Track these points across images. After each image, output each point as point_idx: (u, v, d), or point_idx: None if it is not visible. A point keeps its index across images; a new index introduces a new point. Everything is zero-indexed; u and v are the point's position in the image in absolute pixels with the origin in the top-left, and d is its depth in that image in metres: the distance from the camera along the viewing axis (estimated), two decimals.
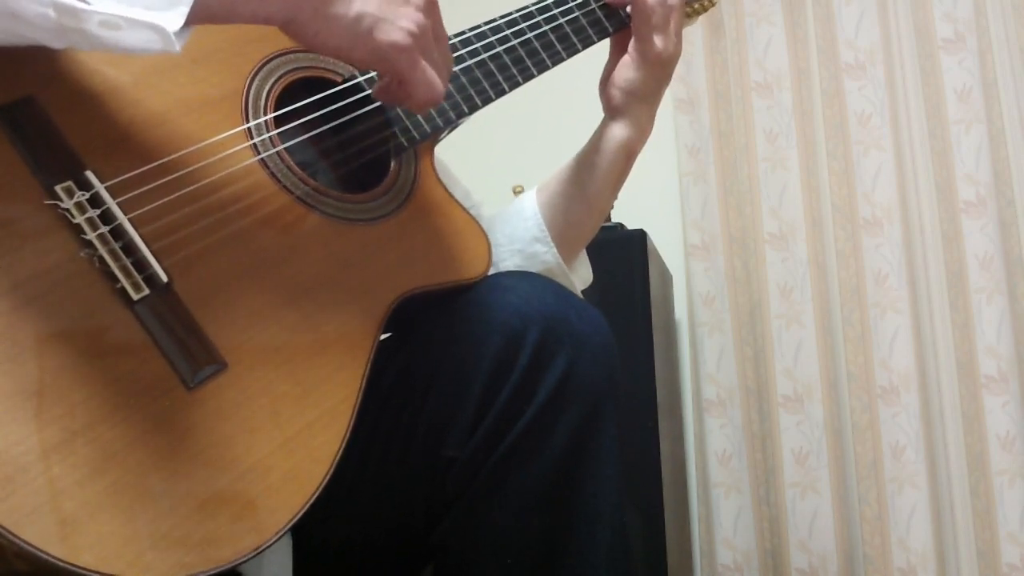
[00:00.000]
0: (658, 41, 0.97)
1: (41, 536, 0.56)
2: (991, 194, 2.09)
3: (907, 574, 2.02)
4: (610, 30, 1.01)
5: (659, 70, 0.99)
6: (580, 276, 1.07)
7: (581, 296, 1.03)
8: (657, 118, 1.03)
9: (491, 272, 1.01)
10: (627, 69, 0.99)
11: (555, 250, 1.00)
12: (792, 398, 2.18)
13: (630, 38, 1.00)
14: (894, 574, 2.04)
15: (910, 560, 2.03)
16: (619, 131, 1.00)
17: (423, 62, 0.73)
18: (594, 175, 1.01)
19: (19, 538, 0.55)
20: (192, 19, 0.62)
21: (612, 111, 1.00)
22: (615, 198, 1.06)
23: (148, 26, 0.60)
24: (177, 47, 0.61)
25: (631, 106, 0.99)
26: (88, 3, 0.59)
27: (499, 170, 2.23)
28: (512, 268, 1.00)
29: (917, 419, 2.07)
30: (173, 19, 0.61)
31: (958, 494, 2.07)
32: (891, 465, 2.08)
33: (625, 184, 1.06)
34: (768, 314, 2.22)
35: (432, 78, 0.74)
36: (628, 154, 1.01)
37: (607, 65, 1.03)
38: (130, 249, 0.65)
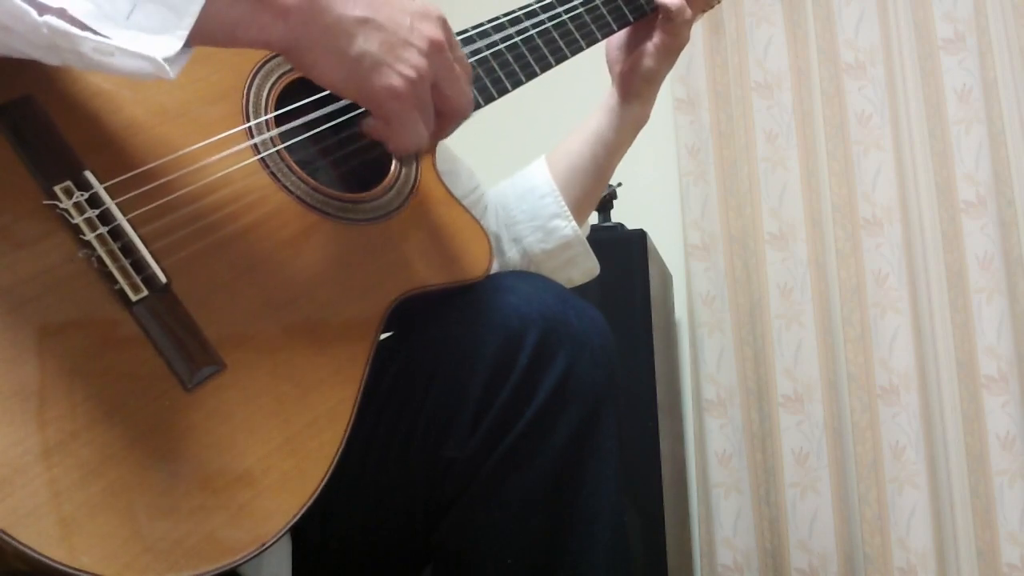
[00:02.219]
0: (684, 35, 1.05)
1: (39, 538, 0.56)
2: (991, 194, 2.09)
3: (907, 574, 2.02)
4: (614, 28, 1.02)
5: (675, 57, 1.07)
6: (586, 269, 1.12)
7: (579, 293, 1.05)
8: (657, 118, 1.10)
9: (510, 248, 1.04)
10: (650, 60, 1.05)
11: (574, 223, 1.06)
12: (792, 398, 2.18)
13: (644, 25, 1.05)
14: (894, 574, 2.04)
15: (910, 560, 2.02)
16: (635, 110, 1.07)
17: (414, 112, 0.72)
18: (612, 152, 1.09)
19: (16, 540, 0.55)
20: (191, 42, 0.61)
21: (630, 96, 1.07)
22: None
23: (141, 57, 0.59)
24: (171, 74, 0.60)
25: (648, 89, 1.07)
26: (85, 25, 0.58)
27: (499, 169, 2.23)
28: (533, 243, 1.06)
29: (917, 419, 2.07)
30: (169, 43, 0.60)
31: (958, 494, 2.07)
32: (891, 465, 2.08)
33: (625, 184, 1.11)
34: (768, 314, 2.22)
35: (418, 130, 0.73)
36: (638, 127, 1.09)
37: (619, 51, 1.07)
38: (129, 250, 0.65)
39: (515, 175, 1.12)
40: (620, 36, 1.08)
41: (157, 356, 0.64)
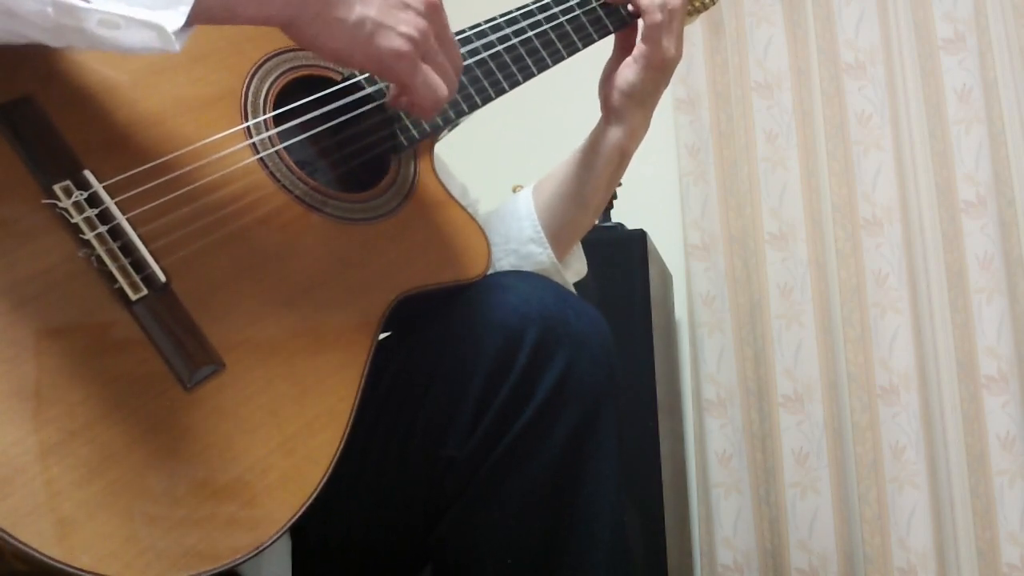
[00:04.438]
0: (663, 44, 0.97)
1: (39, 537, 0.56)
2: (991, 194, 2.09)
3: (907, 574, 2.02)
4: (611, 28, 1.01)
5: (659, 74, 0.99)
6: (574, 270, 1.08)
7: (574, 290, 1.03)
8: (657, 118, 1.04)
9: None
10: (628, 71, 0.98)
11: (550, 251, 1.00)
12: (792, 398, 2.18)
13: (634, 36, 0.99)
14: (894, 574, 2.04)
15: (910, 560, 2.02)
16: (614, 132, 1.00)
17: (424, 67, 0.73)
18: (589, 175, 1.01)
19: (17, 539, 0.55)
20: (192, 19, 0.62)
21: (609, 112, 1.01)
22: (609, 196, 1.07)
23: (148, 25, 0.59)
24: (177, 47, 0.61)
25: (628, 108, 1.00)
26: (87, 2, 0.59)
27: (499, 170, 2.23)
28: (507, 268, 1.01)
29: (917, 419, 2.07)
30: (173, 18, 0.60)
31: (958, 494, 2.07)
32: (891, 465, 2.08)
33: (625, 184, 1.07)
34: (768, 314, 2.22)
35: (434, 82, 0.73)
36: (622, 154, 1.01)
37: (609, 64, 1.02)
38: (128, 249, 0.65)
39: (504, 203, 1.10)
40: (610, 52, 1.03)
41: (156, 355, 0.64)
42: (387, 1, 0.70)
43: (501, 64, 0.92)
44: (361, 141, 0.85)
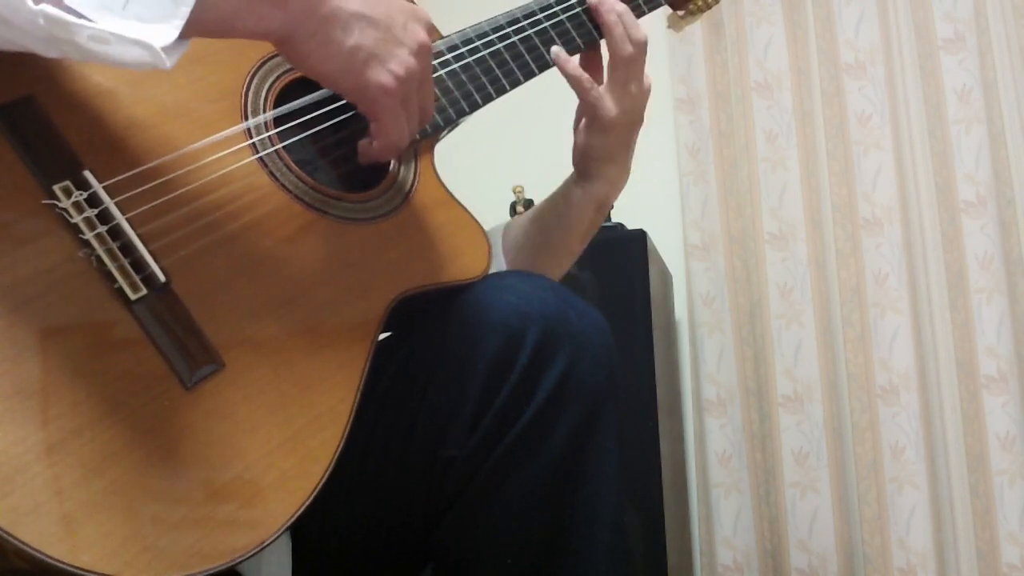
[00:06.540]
0: (600, 105, 0.92)
1: (39, 536, 0.56)
2: (991, 194, 2.09)
3: (907, 574, 2.02)
4: (596, 36, 1.01)
5: (611, 134, 0.93)
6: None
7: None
8: (657, 118, 1.03)
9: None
10: (582, 135, 0.95)
11: None
12: (792, 398, 2.18)
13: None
14: (894, 574, 2.04)
15: (910, 560, 2.02)
16: (589, 188, 0.97)
17: (400, 109, 0.74)
18: (561, 227, 0.98)
19: (17, 538, 0.55)
20: (187, 33, 0.61)
21: (581, 175, 0.98)
22: (588, 241, 1.01)
23: (137, 43, 0.59)
24: (167, 64, 0.60)
25: (601, 167, 0.96)
26: (80, 14, 0.58)
27: (499, 170, 2.23)
28: None
29: (917, 419, 2.07)
30: (166, 32, 0.60)
31: (958, 494, 2.07)
32: (891, 465, 2.08)
33: (625, 184, 1.05)
34: (768, 314, 2.22)
35: (400, 128, 0.75)
36: (599, 206, 0.98)
37: (576, 114, 0.98)
38: (128, 249, 0.65)
39: None
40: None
41: (156, 355, 0.64)
42: (383, 36, 0.71)
43: (501, 63, 0.92)
44: (361, 140, 0.84)
